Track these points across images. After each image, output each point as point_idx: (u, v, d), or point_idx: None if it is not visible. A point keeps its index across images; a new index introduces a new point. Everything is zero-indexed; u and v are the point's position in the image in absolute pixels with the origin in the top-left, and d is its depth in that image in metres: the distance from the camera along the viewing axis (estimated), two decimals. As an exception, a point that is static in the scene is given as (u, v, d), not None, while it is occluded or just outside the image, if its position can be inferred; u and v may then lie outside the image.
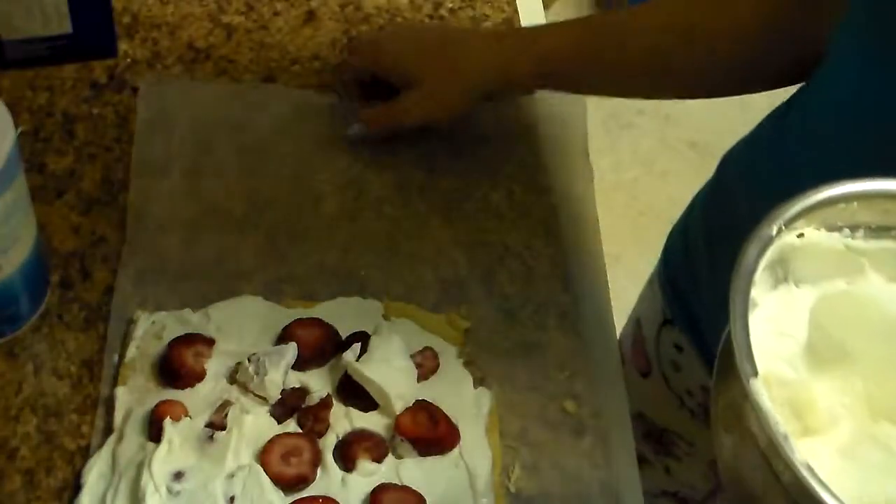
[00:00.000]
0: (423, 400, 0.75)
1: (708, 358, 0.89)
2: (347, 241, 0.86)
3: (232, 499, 0.70)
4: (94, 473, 0.71)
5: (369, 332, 0.77)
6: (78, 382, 0.77)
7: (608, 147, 2.33)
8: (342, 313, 0.80)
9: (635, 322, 1.03)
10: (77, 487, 0.72)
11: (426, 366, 0.77)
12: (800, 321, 0.54)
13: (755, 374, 0.46)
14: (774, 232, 0.50)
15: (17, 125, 0.71)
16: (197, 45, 0.97)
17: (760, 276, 0.51)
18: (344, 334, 0.78)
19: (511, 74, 0.87)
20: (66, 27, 0.91)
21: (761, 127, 0.86)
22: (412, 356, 0.77)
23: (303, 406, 0.75)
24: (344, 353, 0.75)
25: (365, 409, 0.75)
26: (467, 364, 0.79)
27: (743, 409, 0.47)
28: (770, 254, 0.51)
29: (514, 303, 0.83)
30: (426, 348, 0.78)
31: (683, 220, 0.97)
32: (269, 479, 0.70)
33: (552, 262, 0.86)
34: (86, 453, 0.73)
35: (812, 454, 0.48)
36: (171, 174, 0.89)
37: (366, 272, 0.84)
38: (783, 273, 0.54)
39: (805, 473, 0.44)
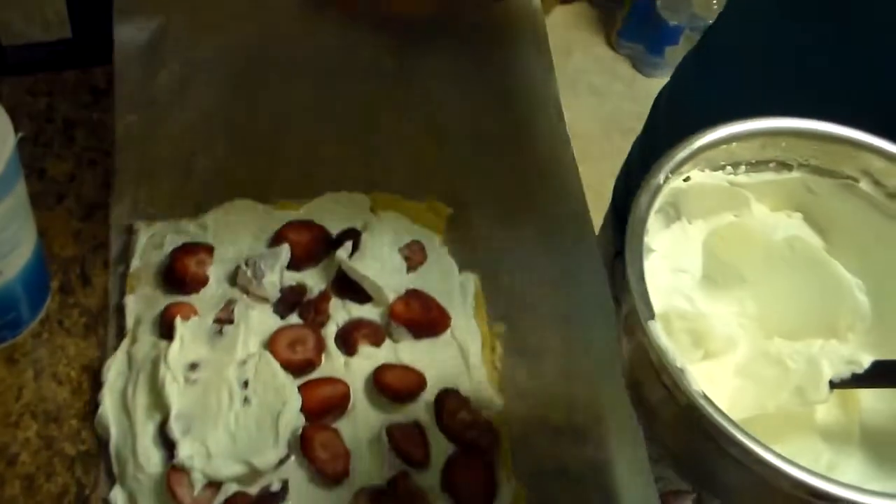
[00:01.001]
0: (414, 289, 0.80)
1: None
2: (332, 137, 0.91)
3: (246, 383, 0.74)
4: (113, 372, 0.76)
5: (359, 229, 0.82)
6: (78, 388, 0.77)
7: (608, 153, 2.32)
8: (331, 210, 0.85)
9: None
10: (97, 388, 0.75)
11: (414, 258, 0.82)
12: (694, 254, 0.58)
13: (652, 316, 0.50)
14: (662, 180, 0.55)
15: (17, 130, 0.71)
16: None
17: (653, 220, 0.55)
18: (334, 231, 0.83)
19: None
20: (66, 32, 0.91)
21: (683, 61, 0.91)
22: (400, 250, 0.82)
23: (303, 301, 0.79)
24: (337, 252, 0.80)
25: (360, 302, 0.80)
26: (451, 251, 0.84)
27: (643, 344, 0.50)
28: (661, 199, 0.55)
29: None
30: (413, 242, 0.83)
31: (626, 162, 1.03)
32: (278, 364, 0.75)
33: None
34: (86, 458, 0.73)
35: (712, 376, 0.53)
36: (158, 82, 0.92)
37: (350, 167, 0.88)
38: (675, 213, 0.58)
39: (702, 402, 0.48)
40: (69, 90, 0.93)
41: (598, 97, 2.46)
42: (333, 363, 0.77)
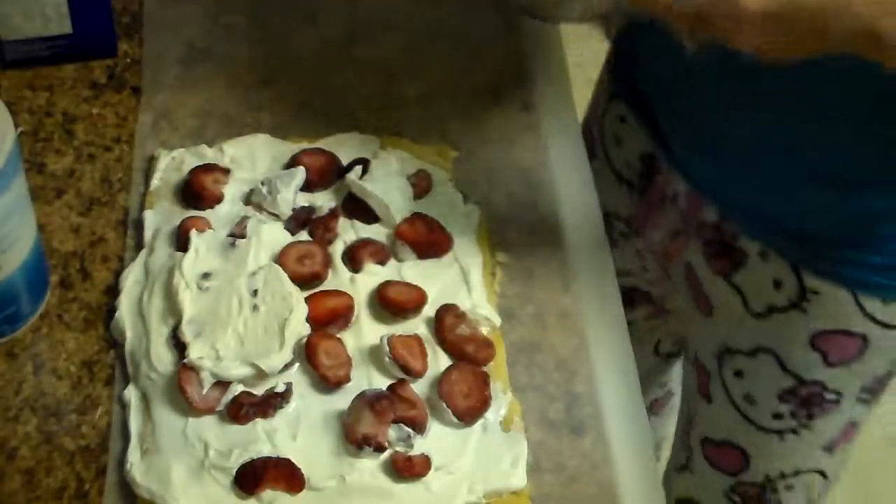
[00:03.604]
0: (420, 212, 0.84)
1: (650, 127, 0.96)
2: (344, 86, 0.96)
3: (255, 291, 0.77)
4: (130, 280, 0.80)
5: (369, 158, 0.86)
6: (78, 382, 0.77)
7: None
8: (343, 145, 0.89)
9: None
10: (115, 293, 0.80)
11: (420, 185, 0.86)
12: None
13: None
14: None
15: (16, 125, 0.71)
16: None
17: None
18: (345, 161, 0.87)
19: None
20: (66, 27, 0.91)
21: None
22: (408, 177, 0.86)
23: (313, 218, 0.83)
24: (347, 175, 0.85)
25: (368, 223, 0.84)
26: (456, 186, 0.87)
27: None
28: None
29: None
30: (420, 170, 0.87)
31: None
32: (287, 276, 0.78)
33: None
34: (86, 453, 0.74)
35: None
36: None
37: (361, 114, 0.93)
38: None
39: None
40: (69, 85, 0.93)
41: (596, 91, 2.46)
42: (339, 278, 0.81)
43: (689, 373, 1.06)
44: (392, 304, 0.79)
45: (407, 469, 0.72)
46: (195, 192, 0.84)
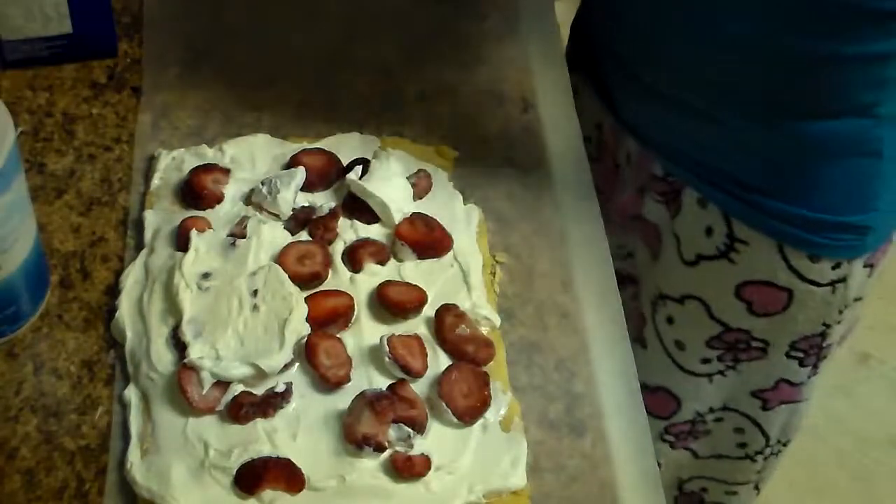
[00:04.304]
0: (420, 212, 0.84)
1: (600, 94, 1.01)
2: (344, 86, 0.96)
3: (255, 291, 0.78)
4: (131, 280, 0.80)
5: (369, 158, 0.86)
6: (78, 382, 0.77)
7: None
8: (343, 145, 0.89)
9: None
10: (115, 293, 0.80)
11: (420, 185, 0.86)
12: None
13: None
14: None
15: (16, 125, 0.71)
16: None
17: None
18: (345, 161, 0.87)
19: None
20: (66, 27, 0.92)
21: None
22: (408, 178, 0.86)
23: (313, 218, 0.83)
24: (347, 175, 0.85)
25: (368, 223, 0.84)
26: (456, 185, 0.88)
27: None
28: None
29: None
30: (420, 170, 0.87)
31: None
32: (287, 276, 0.78)
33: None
34: (86, 453, 0.74)
35: None
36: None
37: (361, 114, 0.93)
38: None
39: None
40: (69, 85, 0.93)
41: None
42: (339, 278, 0.81)
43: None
44: (392, 304, 0.79)
45: (407, 469, 0.72)
46: (195, 192, 0.84)
